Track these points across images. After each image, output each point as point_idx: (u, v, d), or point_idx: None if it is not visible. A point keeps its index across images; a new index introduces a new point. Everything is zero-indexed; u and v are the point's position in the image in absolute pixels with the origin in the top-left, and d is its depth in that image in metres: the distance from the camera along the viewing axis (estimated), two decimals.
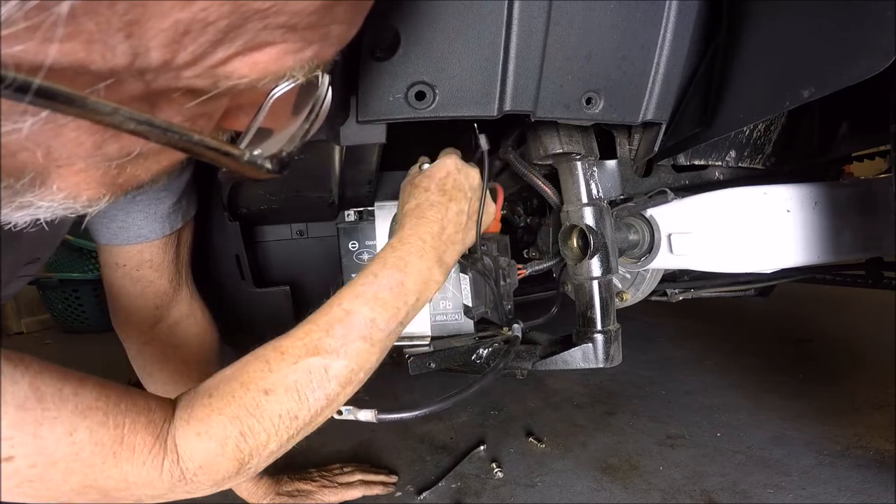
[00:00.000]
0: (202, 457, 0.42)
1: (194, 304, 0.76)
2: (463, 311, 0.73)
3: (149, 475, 0.40)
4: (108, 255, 0.67)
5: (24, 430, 0.35)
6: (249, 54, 0.25)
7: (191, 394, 0.45)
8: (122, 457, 0.39)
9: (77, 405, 0.38)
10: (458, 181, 0.58)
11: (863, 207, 0.70)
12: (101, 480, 0.39)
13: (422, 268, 0.52)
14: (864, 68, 0.42)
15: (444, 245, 0.55)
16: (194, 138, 0.25)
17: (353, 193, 0.91)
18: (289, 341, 0.47)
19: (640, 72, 0.58)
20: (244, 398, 0.43)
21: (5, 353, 0.36)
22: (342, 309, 0.48)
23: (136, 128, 0.22)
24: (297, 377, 0.45)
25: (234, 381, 0.45)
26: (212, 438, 0.42)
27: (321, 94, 0.31)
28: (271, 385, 0.44)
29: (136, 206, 0.64)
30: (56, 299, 2.24)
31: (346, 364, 0.47)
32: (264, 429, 0.44)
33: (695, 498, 0.80)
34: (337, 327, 0.47)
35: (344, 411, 0.52)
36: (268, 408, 0.44)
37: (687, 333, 1.64)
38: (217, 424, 0.43)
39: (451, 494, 0.85)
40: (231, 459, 0.43)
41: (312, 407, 0.46)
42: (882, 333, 1.44)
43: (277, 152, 0.30)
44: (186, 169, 0.68)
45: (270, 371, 0.45)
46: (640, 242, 0.76)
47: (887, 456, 0.87)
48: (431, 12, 0.49)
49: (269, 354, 0.46)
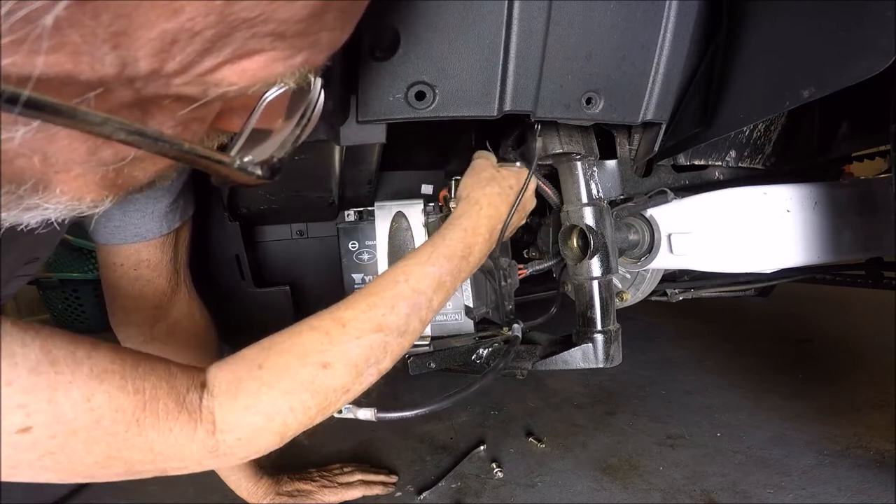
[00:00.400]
0: (245, 430, 0.41)
1: (193, 304, 0.75)
2: (464, 312, 0.74)
3: (177, 444, 0.39)
4: (105, 255, 0.67)
5: (38, 395, 0.34)
6: (238, 62, 0.25)
7: (233, 363, 0.43)
8: (146, 424, 0.37)
9: (92, 368, 0.36)
10: (528, 202, 0.65)
11: (863, 207, 0.70)
12: (126, 451, 0.37)
13: (479, 259, 0.55)
14: (864, 68, 0.42)
15: (493, 242, 0.58)
16: (185, 147, 0.25)
17: (353, 193, 0.91)
18: (351, 313, 0.45)
19: (640, 72, 0.58)
20: (300, 372, 0.42)
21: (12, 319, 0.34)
22: (410, 287, 0.48)
23: (127, 138, 0.23)
24: (359, 352, 0.44)
25: (288, 352, 0.43)
26: (260, 413, 0.41)
27: (313, 98, 0.31)
28: (332, 359, 0.43)
29: (133, 206, 0.64)
30: (56, 299, 2.24)
31: (402, 343, 0.47)
32: (316, 403, 0.43)
33: (695, 498, 0.80)
34: (402, 305, 0.47)
35: (344, 409, 0.52)
36: (324, 382, 0.42)
37: (687, 333, 1.64)
38: (268, 399, 0.41)
39: (451, 494, 0.85)
40: (275, 433, 0.42)
41: (365, 381, 0.45)
42: (882, 333, 1.44)
43: (268, 158, 0.30)
44: (184, 169, 0.68)
45: (332, 344, 0.43)
46: (640, 242, 0.76)
47: (887, 456, 0.87)
48: (431, 12, 0.49)
49: (328, 325, 0.45)
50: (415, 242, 0.76)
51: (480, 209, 0.56)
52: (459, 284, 0.53)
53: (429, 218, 0.75)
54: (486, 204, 0.57)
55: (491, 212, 0.57)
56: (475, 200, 0.57)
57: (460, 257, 0.52)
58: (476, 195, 0.58)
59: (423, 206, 0.77)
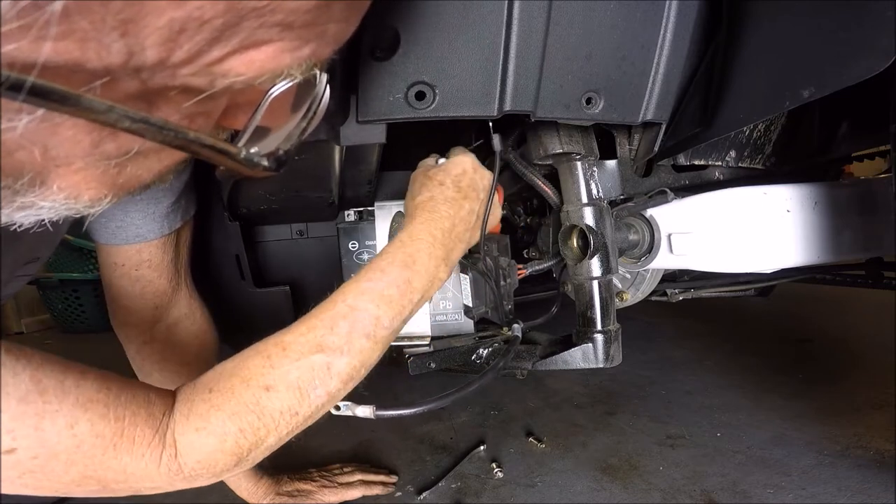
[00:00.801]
0: (200, 452, 0.42)
1: (193, 304, 0.76)
2: (463, 311, 0.73)
3: (147, 468, 0.41)
4: (106, 255, 0.67)
5: (25, 422, 0.35)
6: (246, 52, 0.25)
7: (191, 387, 0.45)
8: (121, 449, 0.39)
9: (78, 398, 0.38)
10: (474, 180, 0.59)
11: (863, 207, 0.70)
12: (101, 471, 0.39)
13: (430, 266, 0.52)
14: (864, 68, 0.42)
15: (452, 243, 0.55)
16: (190, 136, 0.25)
17: (353, 193, 0.91)
18: (291, 336, 0.46)
19: (640, 72, 0.58)
20: (244, 394, 0.43)
21: (6, 345, 0.36)
22: (347, 305, 0.48)
23: (132, 126, 0.22)
24: (299, 374, 0.44)
25: (235, 376, 0.44)
26: (211, 434, 0.42)
27: (319, 91, 0.31)
28: (272, 382, 0.44)
29: (134, 206, 0.64)
30: (56, 299, 2.24)
31: (349, 361, 0.46)
32: (264, 425, 0.43)
33: (695, 498, 0.80)
34: (341, 324, 0.46)
35: (342, 407, 0.52)
36: (268, 405, 0.43)
37: (687, 333, 1.64)
38: (216, 421, 0.42)
39: (451, 494, 0.85)
40: (229, 454, 0.43)
41: (313, 403, 0.45)
42: (882, 333, 1.44)
43: (274, 150, 0.30)
44: (186, 169, 0.68)
45: (272, 367, 0.44)
46: (640, 242, 0.76)
47: (887, 456, 0.87)
48: (431, 12, 0.49)
49: (270, 350, 0.46)
50: None
51: (413, 219, 0.54)
52: (421, 294, 0.51)
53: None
54: (419, 212, 0.55)
55: (425, 216, 0.54)
56: (409, 214, 0.56)
57: (401, 267, 0.50)
58: (410, 209, 0.57)
59: None
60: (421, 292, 0.51)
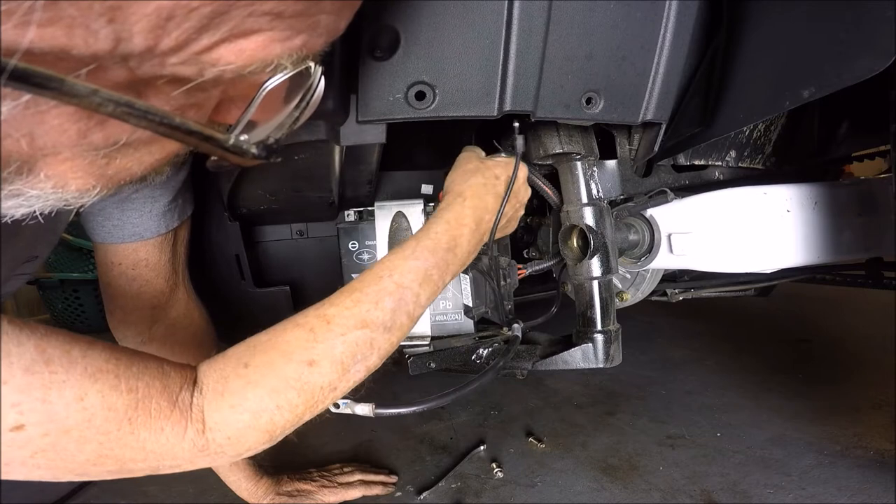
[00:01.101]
0: (233, 429, 0.41)
1: (191, 305, 0.75)
2: (463, 311, 0.73)
3: (168, 443, 0.39)
4: (103, 254, 0.67)
5: (32, 394, 0.34)
6: (235, 41, 0.25)
7: (221, 362, 0.43)
8: (138, 423, 0.38)
9: (87, 367, 0.36)
10: (521, 191, 0.63)
11: (863, 207, 0.70)
12: (118, 449, 0.37)
13: (467, 251, 0.53)
14: (864, 68, 0.42)
15: (483, 234, 0.57)
16: (175, 121, 0.24)
17: (353, 193, 0.91)
18: (335, 309, 0.45)
19: (640, 72, 0.58)
20: (285, 369, 0.42)
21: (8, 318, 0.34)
22: (393, 282, 0.47)
23: (116, 110, 0.22)
24: (344, 349, 0.43)
25: (273, 349, 0.43)
26: (246, 411, 0.41)
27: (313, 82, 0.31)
28: (317, 356, 0.43)
29: (131, 205, 0.64)
30: (56, 299, 2.24)
31: (389, 339, 0.46)
32: (303, 401, 0.42)
33: (695, 498, 0.80)
34: (387, 300, 0.46)
35: (342, 404, 0.52)
36: (310, 380, 0.42)
37: (687, 333, 1.64)
38: (254, 397, 0.41)
39: (451, 494, 0.85)
40: (262, 431, 0.42)
41: (352, 378, 0.45)
42: (882, 333, 1.44)
43: (264, 138, 0.30)
44: (183, 167, 0.67)
45: (316, 341, 0.43)
46: (640, 242, 0.76)
47: (887, 456, 0.87)
48: (431, 12, 0.49)
49: (313, 323, 0.44)
50: None
51: (464, 200, 0.55)
52: (450, 278, 0.52)
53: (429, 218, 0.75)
54: (470, 195, 0.56)
55: (475, 202, 0.55)
56: (458, 192, 0.56)
57: (445, 249, 0.51)
58: (459, 188, 0.57)
59: (423, 206, 0.77)
60: (452, 275, 0.52)
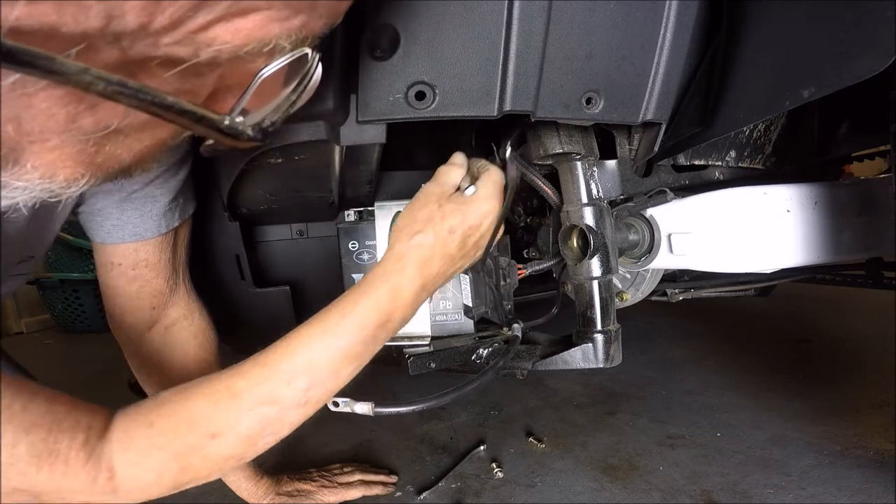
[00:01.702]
0: (139, 482, 0.43)
1: (192, 305, 0.75)
2: (463, 312, 0.73)
3: (82, 486, 0.42)
4: (103, 254, 0.67)
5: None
6: (232, 20, 0.24)
7: (130, 415, 0.45)
8: (56, 469, 0.41)
9: (23, 422, 0.39)
10: (484, 238, 0.53)
11: (863, 207, 0.70)
12: (33, 486, 0.41)
13: (403, 319, 0.49)
14: (864, 68, 0.42)
15: (428, 291, 0.51)
16: (168, 100, 0.23)
17: (353, 193, 0.91)
18: (244, 383, 0.44)
19: (640, 72, 0.58)
20: (188, 438, 0.43)
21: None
22: (308, 361, 0.44)
23: (107, 89, 0.21)
24: (251, 424, 0.43)
25: (178, 416, 0.44)
26: (150, 471, 0.43)
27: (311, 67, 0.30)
28: (220, 429, 0.43)
29: (131, 204, 0.63)
30: (56, 299, 2.24)
31: (304, 412, 0.46)
32: (206, 467, 0.44)
33: (695, 498, 0.80)
34: (299, 380, 0.44)
35: (341, 403, 0.52)
36: (214, 451, 0.43)
37: (687, 333, 1.64)
38: (158, 459, 0.43)
39: (451, 494, 0.85)
40: (167, 487, 0.44)
41: (261, 448, 0.46)
42: (882, 333, 1.44)
43: (260, 121, 0.29)
44: (183, 166, 0.67)
45: (220, 413, 0.43)
46: (640, 242, 0.76)
47: (887, 456, 0.87)
48: (431, 12, 0.49)
49: (219, 395, 0.44)
50: None
51: (403, 269, 0.47)
52: (381, 345, 0.48)
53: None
54: (413, 261, 0.48)
55: (419, 271, 0.48)
56: (400, 255, 0.48)
57: (376, 326, 0.46)
58: (402, 247, 0.49)
59: None
60: (385, 340, 0.48)
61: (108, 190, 0.62)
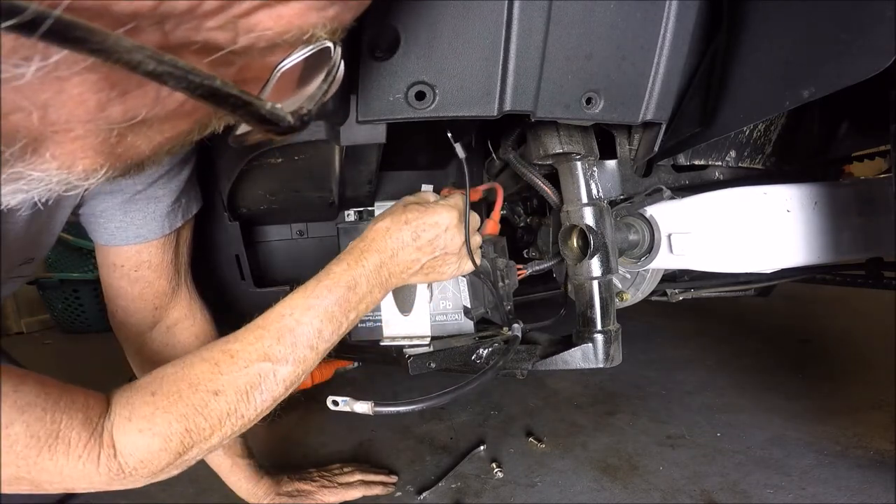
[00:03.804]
0: (143, 452, 0.44)
1: (194, 305, 0.75)
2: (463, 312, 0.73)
3: (85, 469, 0.42)
4: (105, 256, 0.67)
5: None
6: (275, 6, 0.25)
7: (128, 390, 0.47)
8: (57, 451, 0.40)
9: (16, 401, 0.39)
10: (439, 238, 0.60)
11: (863, 207, 0.70)
12: (35, 472, 0.40)
13: (367, 290, 0.56)
14: (864, 68, 0.42)
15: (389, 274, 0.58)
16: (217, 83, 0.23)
17: (353, 193, 0.91)
18: (239, 345, 0.49)
19: (640, 72, 0.58)
20: (192, 398, 0.46)
21: None
22: (294, 319, 0.51)
23: (157, 68, 0.20)
24: (247, 380, 0.47)
25: (181, 380, 0.47)
26: (156, 435, 0.44)
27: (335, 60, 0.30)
28: (221, 387, 0.46)
29: (134, 206, 0.63)
30: (56, 299, 2.24)
31: (293, 370, 0.50)
32: (210, 425, 0.46)
33: (695, 498, 0.80)
34: (287, 336, 0.50)
35: (341, 402, 0.54)
36: (216, 407, 0.46)
37: (687, 333, 1.64)
38: (162, 422, 0.44)
39: (451, 494, 0.85)
40: (173, 453, 0.45)
41: (259, 407, 0.49)
42: (882, 333, 1.44)
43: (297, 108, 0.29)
44: (185, 166, 0.67)
45: (220, 373, 0.47)
46: (640, 242, 0.76)
47: (887, 456, 0.87)
48: (431, 12, 0.49)
49: (217, 357, 0.48)
50: None
51: (362, 242, 0.58)
52: (355, 315, 0.55)
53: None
54: (371, 238, 0.58)
55: (376, 245, 0.57)
56: (363, 237, 0.59)
57: (345, 288, 0.53)
58: (366, 233, 0.60)
59: None
60: (357, 311, 0.55)
61: (110, 191, 0.62)
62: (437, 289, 0.73)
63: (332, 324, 0.52)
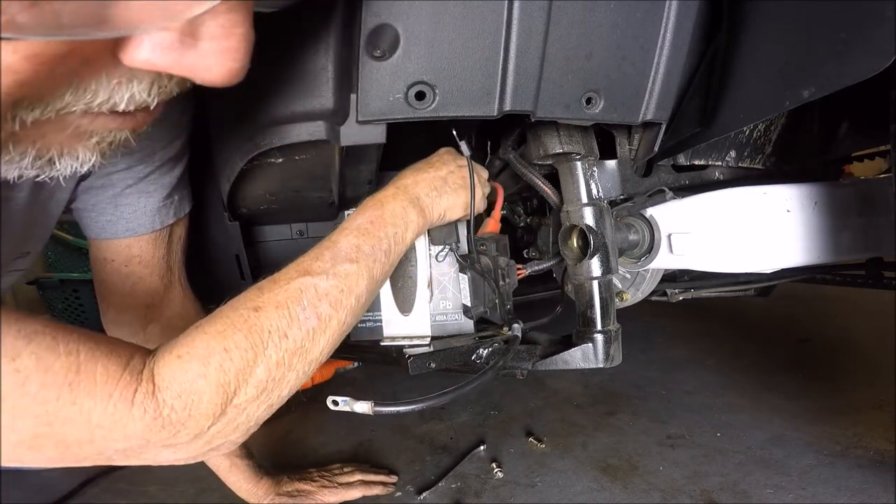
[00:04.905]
0: (182, 380, 0.38)
1: (188, 305, 0.75)
2: (462, 312, 0.73)
3: (117, 412, 0.35)
4: (96, 250, 0.66)
5: None
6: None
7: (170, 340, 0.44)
8: (80, 389, 0.33)
9: (20, 330, 0.33)
10: (445, 159, 0.65)
11: (863, 207, 0.70)
12: (58, 425, 0.33)
13: (396, 206, 0.57)
14: (864, 68, 0.42)
15: (416, 191, 0.60)
16: None
17: (353, 193, 0.91)
18: (281, 272, 0.49)
19: (640, 72, 0.58)
20: (232, 316, 0.43)
21: None
22: (329, 240, 0.52)
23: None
24: (287, 295, 0.46)
25: (225, 307, 0.46)
26: (194, 357, 0.39)
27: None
28: (262, 303, 0.45)
29: (125, 199, 0.63)
30: (56, 299, 2.24)
31: (336, 284, 0.48)
32: (252, 344, 0.41)
33: (695, 498, 0.80)
34: (325, 253, 0.50)
35: (341, 402, 0.53)
36: (256, 322, 0.43)
37: (687, 333, 1.64)
38: (200, 342, 0.40)
39: (451, 494, 0.85)
40: (214, 383, 0.39)
41: (303, 326, 0.45)
42: (882, 333, 1.44)
43: None
44: (178, 164, 0.67)
45: (261, 293, 0.46)
46: (640, 242, 0.76)
47: (887, 456, 0.87)
48: (431, 12, 0.49)
49: (261, 284, 0.48)
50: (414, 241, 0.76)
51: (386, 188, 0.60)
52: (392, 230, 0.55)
53: None
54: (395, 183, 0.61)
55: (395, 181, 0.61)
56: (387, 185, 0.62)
57: (371, 207, 0.56)
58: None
59: None
60: (394, 227, 0.55)
61: (102, 186, 0.62)
62: (437, 288, 0.73)
63: (369, 238, 0.53)
